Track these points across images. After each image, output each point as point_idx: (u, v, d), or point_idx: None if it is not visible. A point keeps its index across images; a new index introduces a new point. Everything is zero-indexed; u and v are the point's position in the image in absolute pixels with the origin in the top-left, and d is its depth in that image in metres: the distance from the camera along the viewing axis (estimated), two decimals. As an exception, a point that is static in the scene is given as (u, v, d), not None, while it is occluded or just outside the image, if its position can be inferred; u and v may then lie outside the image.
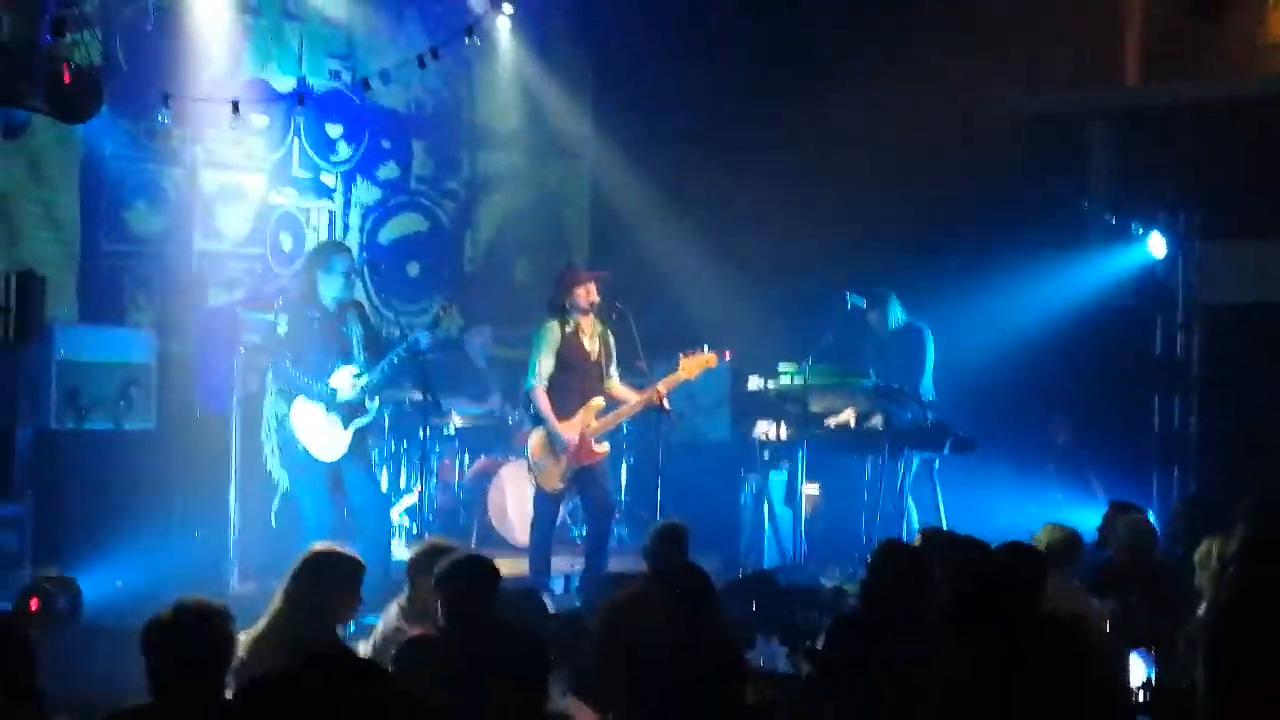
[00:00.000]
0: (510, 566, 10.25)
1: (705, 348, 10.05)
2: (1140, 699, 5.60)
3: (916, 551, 6.37)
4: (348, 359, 9.29)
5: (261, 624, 6.08)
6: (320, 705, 3.46)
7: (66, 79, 7.72)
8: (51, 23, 7.67)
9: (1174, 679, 6.29)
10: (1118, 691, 5.89)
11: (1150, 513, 11.03)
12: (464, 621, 5.49)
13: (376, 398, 9.41)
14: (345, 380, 9.21)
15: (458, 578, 5.57)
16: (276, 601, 6.12)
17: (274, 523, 10.32)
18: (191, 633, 4.41)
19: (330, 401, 9.16)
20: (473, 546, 10.94)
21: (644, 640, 5.97)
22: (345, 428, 9.22)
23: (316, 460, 9.20)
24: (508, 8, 9.49)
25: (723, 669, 5.57)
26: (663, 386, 9.85)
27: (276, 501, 10.16)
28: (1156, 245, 12.42)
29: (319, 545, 6.37)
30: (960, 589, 6.23)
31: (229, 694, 4.56)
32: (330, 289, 9.26)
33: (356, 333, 9.36)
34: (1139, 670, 5.72)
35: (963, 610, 6.09)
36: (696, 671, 5.48)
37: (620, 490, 11.88)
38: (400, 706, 3.85)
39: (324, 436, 9.18)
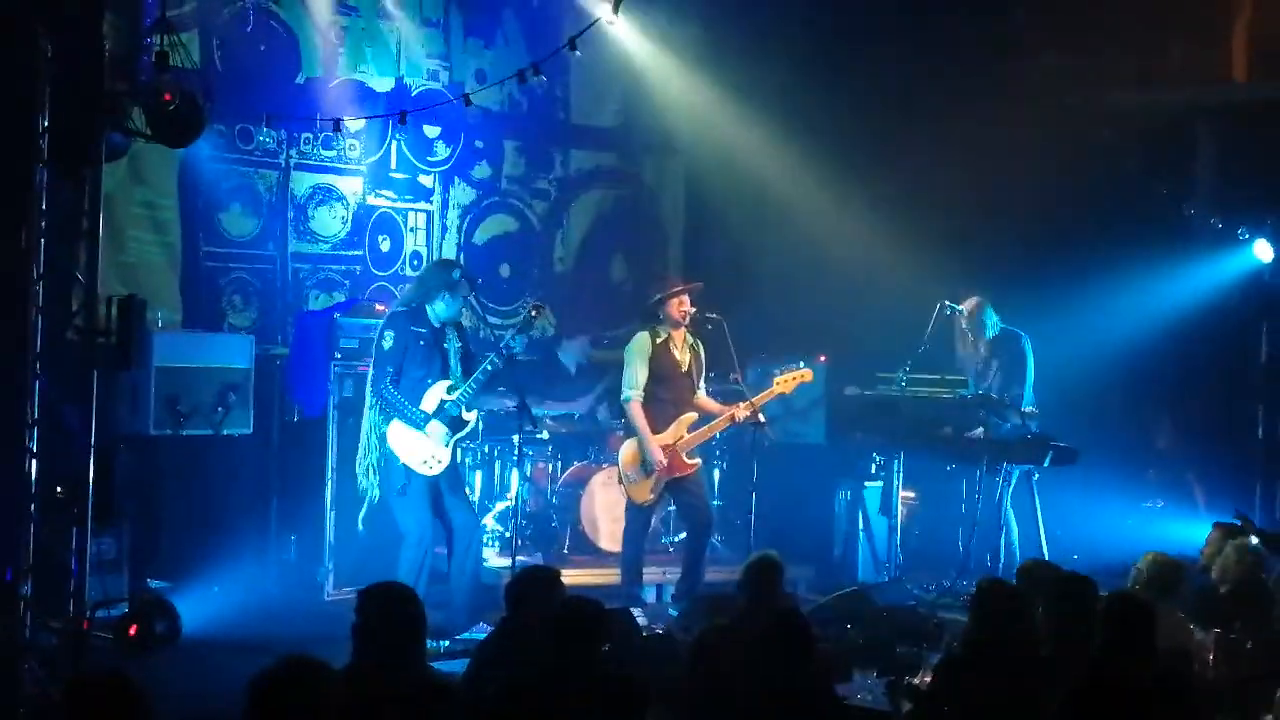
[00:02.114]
0: (601, 575, 10.31)
1: (800, 364, 9.96)
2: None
3: (1016, 593, 6.24)
4: (445, 374, 9.29)
5: None
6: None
7: (169, 102, 7.70)
8: (155, 56, 7.65)
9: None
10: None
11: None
12: (568, 664, 5.44)
13: (475, 411, 9.41)
14: (438, 395, 9.21)
15: (571, 623, 5.54)
16: None
17: (361, 528, 10.29)
18: (295, 699, 4.40)
19: (421, 426, 9.15)
20: (565, 551, 11.01)
21: (737, 681, 5.90)
22: (446, 444, 9.22)
23: (417, 475, 9.18)
24: (609, 15, 9.23)
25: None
26: (756, 400, 9.78)
27: (364, 510, 10.18)
28: (1263, 250, 12.12)
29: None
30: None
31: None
32: (447, 310, 9.27)
33: (454, 346, 9.36)
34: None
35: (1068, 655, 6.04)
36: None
37: (714, 496, 11.82)
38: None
39: (425, 452, 9.15)
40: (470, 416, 9.39)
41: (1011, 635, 5.92)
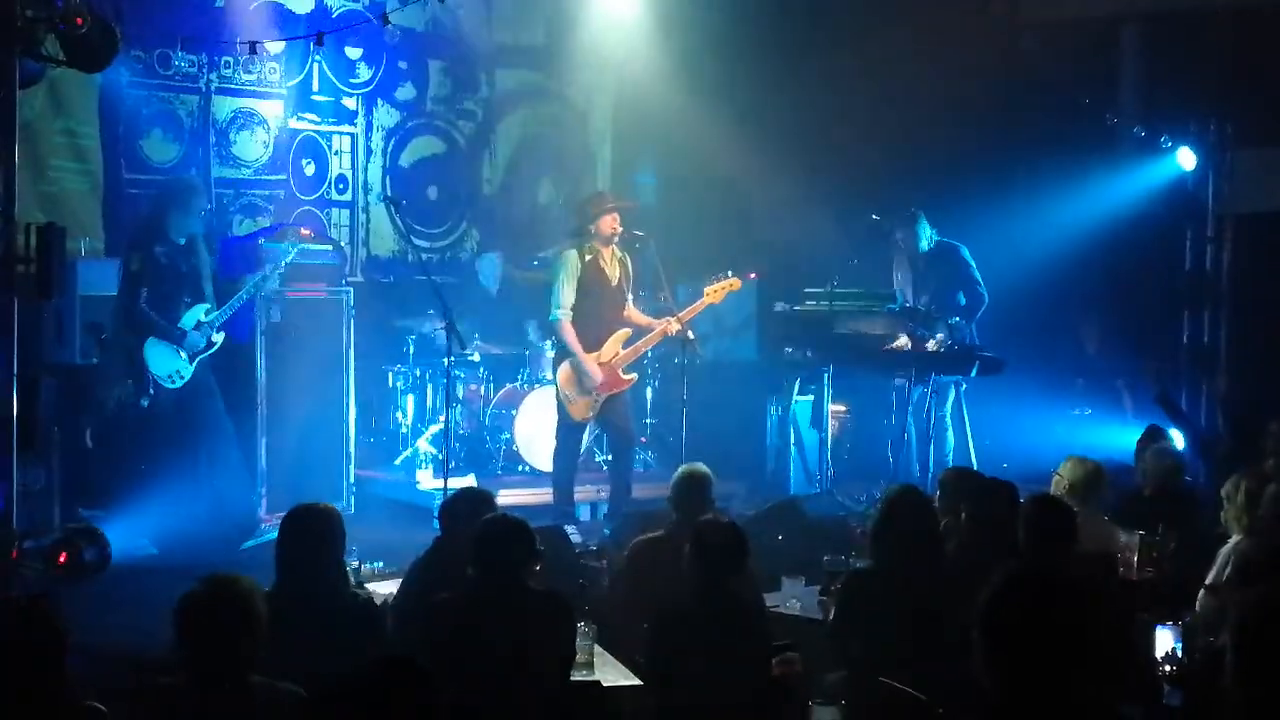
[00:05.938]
0: (535, 495, 10.36)
1: (729, 273, 9.98)
2: (1167, 671, 5.52)
3: (923, 498, 6.28)
4: (197, 294, 9.63)
5: None
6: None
7: (81, 26, 7.57)
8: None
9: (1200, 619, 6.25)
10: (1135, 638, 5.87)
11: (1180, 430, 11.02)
12: (495, 583, 5.45)
13: (222, 334, 9.77)
14: (197, 316, 9.60)
15: (493, 539, 5.52)
16: None
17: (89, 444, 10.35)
18: (223, 616, 4.41)
19: (180, 342, 9.52)
20: (499, 473, 11.03)
21: (668, 592, 5.95)
22: (190, 363, 9.63)
23: (165, 389, 9.56)
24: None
25: (746, 637, 5.54)
26: (684, 314, 9.80)
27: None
28: (1186, 158, 12.22)
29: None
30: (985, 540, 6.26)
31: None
32: (183, 227, 9.53)
33: (205, 264, 9.71)
34: (1166, 641, 5.65)
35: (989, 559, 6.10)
36: (719, 634, 5.45)
37: (646, 414, 11.87)
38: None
39: (170, 368, 9.56)
40: (217, 338, 9.76)
41: (917, 538, 5.95)
